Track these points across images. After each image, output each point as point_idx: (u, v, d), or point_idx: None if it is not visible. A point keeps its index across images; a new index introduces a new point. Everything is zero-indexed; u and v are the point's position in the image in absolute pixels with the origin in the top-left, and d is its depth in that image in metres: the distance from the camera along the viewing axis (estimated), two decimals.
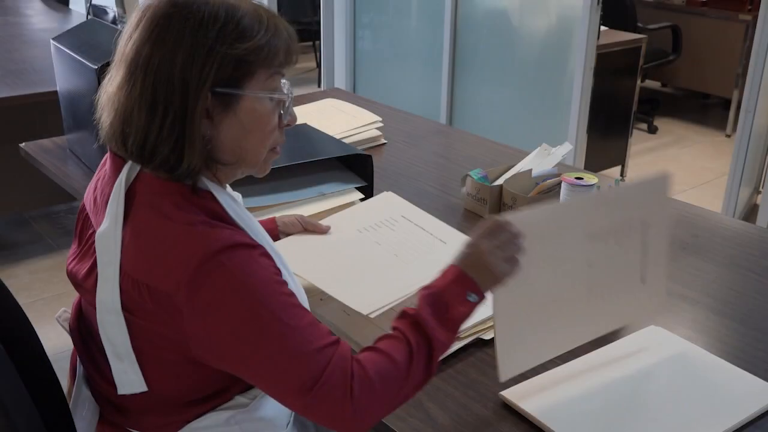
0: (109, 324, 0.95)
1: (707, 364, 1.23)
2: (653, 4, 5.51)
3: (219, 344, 0.92)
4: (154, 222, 0.94)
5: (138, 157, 0.95)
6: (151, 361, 0.98)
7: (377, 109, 2.42)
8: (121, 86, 0.94)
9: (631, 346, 1.27)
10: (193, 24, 0.92)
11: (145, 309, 0.93)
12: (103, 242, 0.95)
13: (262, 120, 0.98)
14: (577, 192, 1.53)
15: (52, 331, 2.81)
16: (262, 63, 0.95)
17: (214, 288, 0.89)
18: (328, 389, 0.91)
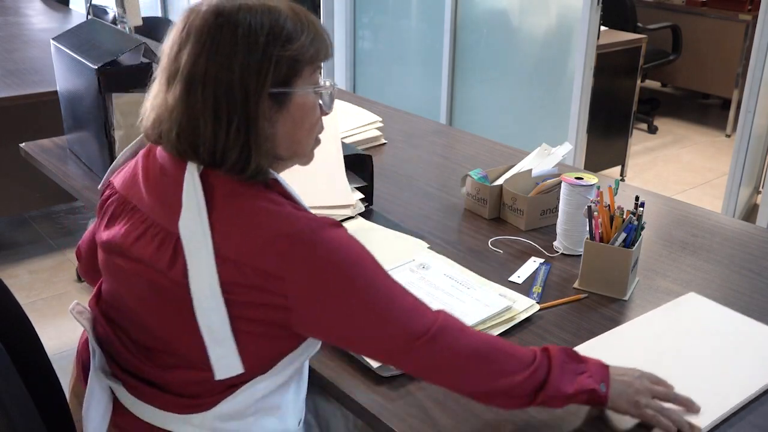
0: (208, 310, 0.97)
1: (742, 325, 1.33)
2: (653, 4, 5.51)
3: (324, 312, 0.97)
4: (246, 208, 0.98)
5: (210, 163, 1.00)
6: (249, 342, 1.00)
7: (377, 109, 2.42)
8: (182, 100, 0.99)
9: (670, 312, 1.37)
10: (243, 32, 0.97)
11: (246, 288, 0.96)
12: (189, 231, 0.98)
13: (310, 112, 1.05)
14: (577, 192, 1.53)
15: (53, 331, 2.82)
16: (309, 61, 1.02)
17: (318, 260, 0.95)
18: (435, 342, 0.99)
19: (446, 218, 1.75)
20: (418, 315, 1.00)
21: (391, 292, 1.00)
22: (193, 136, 0.99)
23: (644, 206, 1.42)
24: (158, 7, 6.71)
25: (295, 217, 0.97)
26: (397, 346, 0.99)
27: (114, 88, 1.79)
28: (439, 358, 1.00)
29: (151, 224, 1.03)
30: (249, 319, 0.98)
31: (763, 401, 1.16)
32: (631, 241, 1.40)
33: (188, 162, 1.01)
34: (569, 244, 1.58)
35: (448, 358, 1.00)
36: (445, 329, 1.01)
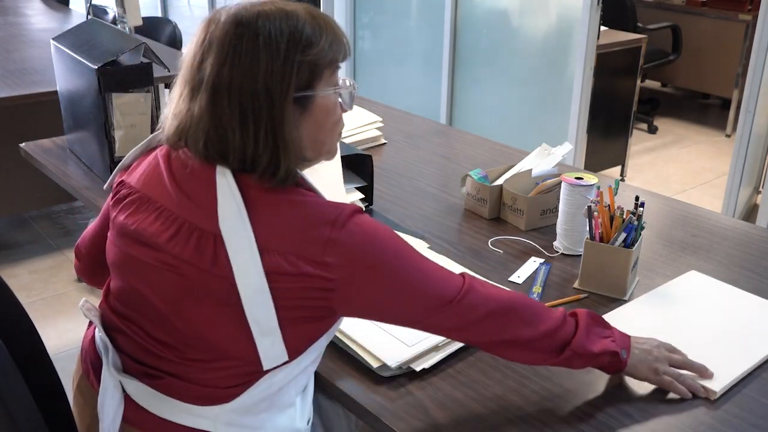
0: (255, 304, 1.00)
1: (743, 300, 1.41)
2: (653, 4, 5.51)
3: (367, 287, 1.02)
4: (282, 201, 1.02)
5: (240, 169, 1.02)
6: (292, 330, 1.03)
7: (377, 109, 2.42)
8: (208, 110, 1.00)
9: (674, 288, 1.44)
10: (264, 40, 0.99)
11: (290, 277, 0.99)
12: (231, 231, 1.00)
13: (331, 112, 1.08)
14: (577, 192, 1.53)
15: (53, 331, 2.82)
16: (329, 64, 1.05)
17: (355, 244, 1.00)
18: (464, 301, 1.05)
19: (446, 218, 1.75)
20: (447, 281, 1.06)
21: (421, 265, 1.06)
22: (222, 145, 1.01)
23: (644, 206, 1.42)
24: (158, 7, 6.71)
25: (327, 206, 1.02)
26: (432, 312, 1.05)
27: (114, 88, 1.79)
28: (470, 315, 1.06)
29: (183, 223, 1.04)
30: (293, 306, 1.01)
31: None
32: (631, 241, 1.40)
33: (217, 165, 1.03)
34: (569, 244, 1.58)
35: (478, 314, 1.07)
36: (472, 289, 1.07)
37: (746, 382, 1.19)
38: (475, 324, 1.08)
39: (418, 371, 1.20)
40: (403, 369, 1.20)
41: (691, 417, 1.12)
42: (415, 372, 1.20)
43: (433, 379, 1.19)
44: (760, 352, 1.25)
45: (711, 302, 1.40)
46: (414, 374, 1.20)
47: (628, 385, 1.19)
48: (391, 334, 1.27)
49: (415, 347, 1.23)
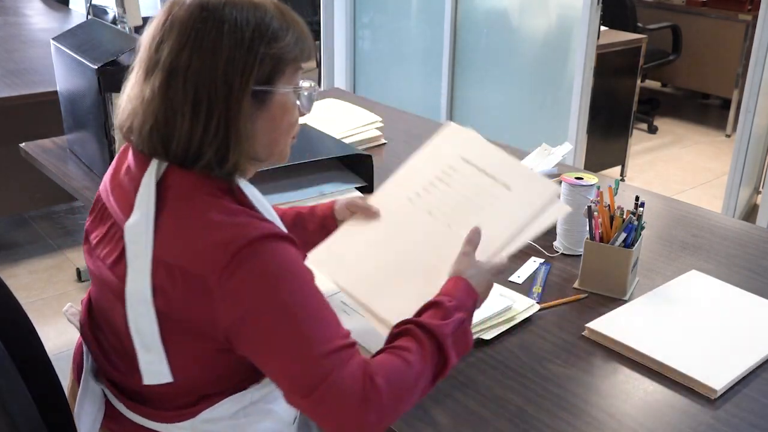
0: (139, 315, 0.96)
1: (743, 300, 1.41)
2: (653, 4, 5.51)
3: (244, 328, 0.94)
4: (194, 210, 0.96)
5: (182, 160, 0.97)
6: (178, 351, 0.99)
7: (377, 109, 2.42)
8: (160, 92, 0.96)
9: (674, 288, 1.44)
10: (229, 27, 0.95)
11: (177, 294, 0.94)
12: (133, 233, 0.96)
13: (289, 112, 1.04)
14: (577, 192, 1.53)
15: (52, 331, 2.82)
16: (292, 61, 1.01)
17: (248, 273, 0.92)
18: (336, 392, 0.92)
19: None
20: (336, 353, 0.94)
21: (317, 321, 0.95)
22: (168, 130, 0.96)
23: (644, 206, 1.42)
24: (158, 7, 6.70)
25: (238, 226, 0.94)
26: (306, 380, 0.93)
27: (114, 88, 1.79)
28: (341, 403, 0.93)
29: (113, 224, 1.03)
30: (179, 327, 0.96)
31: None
32: (631, 241, 1.40)
33: (153, 160, 0.99)
34: (569, 244, 1.58)
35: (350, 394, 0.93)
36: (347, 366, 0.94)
37: (746, 382, 1.19)
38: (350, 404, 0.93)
39: None
40: None
41: (691, 417, 1.12)
42: None
43: None
44: (760, 352, 1.25)
45: (711, 302, 1.40)
46: None
47: (628, 384, 1.19)
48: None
49: None
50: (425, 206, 1.20)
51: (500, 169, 1.21)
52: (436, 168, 1.24)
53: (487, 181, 1.18)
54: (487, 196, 1.19)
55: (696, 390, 1.17)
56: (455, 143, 1.26)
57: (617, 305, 1.39)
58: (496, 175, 1.19)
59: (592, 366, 1.23)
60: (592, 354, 1.27)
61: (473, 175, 1.20)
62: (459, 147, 1.25)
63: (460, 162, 1.22)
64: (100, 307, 1.09)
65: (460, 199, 1.19)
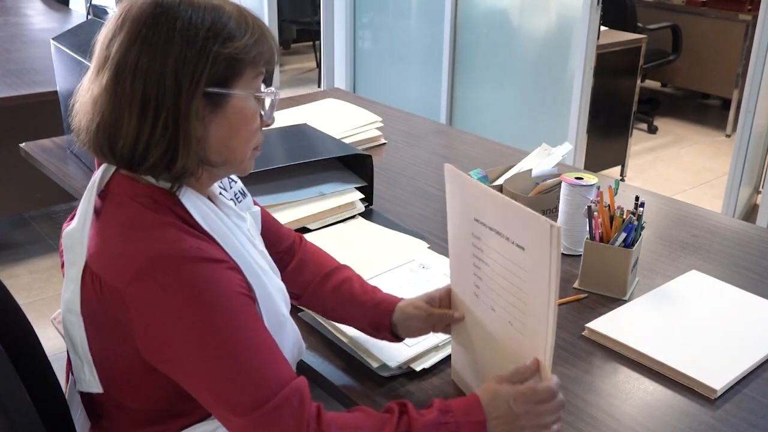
0: (69, 323, 0.97)
1: (743, 300, 1.41)
2: (653, 4, 5.51)
3: (162, 345, 0.91)
4: (119, 218, 0.94)
5: (128, 161, 0.94)
6: (110, 365, 0.98)
7: (377, 109, 2.42)
8: (108, 89, 0.93)
9: (674, 288, 1.44)
10: (183, 24, 0.92)
11: (99, 304, 0.93)
12: (69, 241, 0.96)
13: (249, 119, 0.98)
14: (577, 192, 1.53)
15: (53, 331, 2.81)
16: (250, 63, 0.96)
17: (164, 289, 0.88)
18: (276, 417, 0.88)
19: (446, 218, 1.75)
20: (264, 383, 0.89)
21: (242, 350, 0.90)
22: (114, 129, 0.93)
23: (644, 206, 1.42)
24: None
25: (167, 241, 0.91)
26: (228, 410, 0.89)
27: None
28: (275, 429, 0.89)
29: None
30: (105, 337, 0.95)
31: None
32: (631, 241, 1.40)
33: (102, 165, 0.97)
34: (569, 244, 1.58)
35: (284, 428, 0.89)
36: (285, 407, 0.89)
37: (746, 382, 1.19)
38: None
39: (418, 371, 1.20)
40: (403, 369, 1.20)
41: (691, 417, 1.12)
42: (415, 372, 1.20)
43: (433, 379, 1.19)
44: (760, 352, 1.25)
45: (711, 302, 1.40)
46: (414, 374, 1.20)
47: (628, 384, 1.19)
48: None
49: (415, 347, 1.23)
50: (488, 302, 1.08)
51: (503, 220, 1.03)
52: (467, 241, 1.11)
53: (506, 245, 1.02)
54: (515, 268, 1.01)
55: (696, 390, 1.17)
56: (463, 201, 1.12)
57: (617, 305, 1.39)
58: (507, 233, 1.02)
59: (592, 366, 1.23)
60: (592, 354, 1.27)
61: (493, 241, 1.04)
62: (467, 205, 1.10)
63: (477, 226, 1.08)
64: None
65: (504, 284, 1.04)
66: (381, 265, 1.48)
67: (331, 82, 4.92)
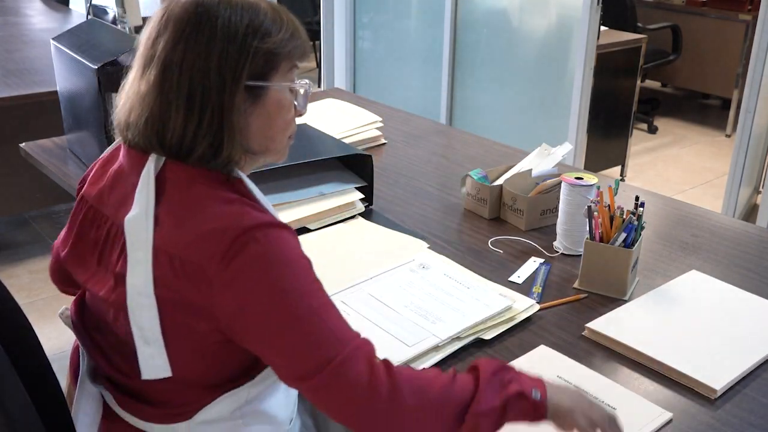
0: (139, 307, 0.96)
1: (743, 300, 1.42)
2: (653, 4, 5.51)
3: (244, 315, 0.94)
4: (192, 200, 0.98)
5: (176, 152, 0.99)
6: (178, 344, 0.99)
7: (377, 109, 2.42)
8: (156, 85, 0.98)
9: (674, 288, 1.44)
10: (223, 23, 0.97)
11: (178, 283, 0.95)
12: (133, 227, 0.97)
13: (284, 110, 1.05)
14: (577, 192, 1.53)
15: (53, 331, 2.82)
16: (285, 56, 1.02)
17: (247, 261, 0.92)
18: (346, 373, 0.92)
19: (446, 218, 1.75)
20: (336, 338, 0.94)
21: (318, 309, 0.95)
22: (162, 123, 0.98)
23: (644, 206, 1.42)
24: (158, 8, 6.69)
25: (237, 214, 0.96)
26: (308, 366, 0.93)
27: (114, 88, 1.77)
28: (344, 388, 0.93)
29: (111, 224, 1.03)
30: (179, 318, 0.96)
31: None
32: (631, 241, 1.40)
33: (150, 156, 1.00)
34: (569, 244, 1.58)
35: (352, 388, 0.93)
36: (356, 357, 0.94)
37: (746, 382, 1.19)
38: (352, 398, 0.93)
39: None
40: None
41: (691, 417, 1.12)
42: None
43: None
44: (760, 352, 1.25)
45: (711, 302, 1.40)
46: None
47: (628, 385, 1.19)
48: (391, 334, 1.27)
49: (415, 347, 1.23)
50: None
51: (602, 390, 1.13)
52: None
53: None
54: None
55: (696, 390, 1.17)
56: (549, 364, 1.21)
57: (617, 305, 1.39)
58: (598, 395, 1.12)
59: (592, 366, 1.23)
60: (592, 354, 1.27)
61: None
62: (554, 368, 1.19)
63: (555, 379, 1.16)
64: (96, 307, 1.09)
65: None
66: (381, 265, 1.48)
67: (331, 82, 4.92)
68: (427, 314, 1.32)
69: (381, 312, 1.33)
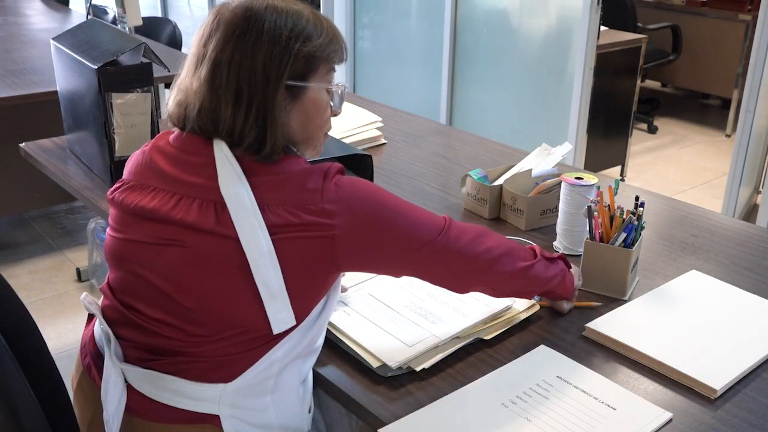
0: (263, 266, 1.04)
1: (743, 300, 1.42)
2: (653, 4, 5.51)
3: (365, 226, 1.08)
4: (275, 164, 1.08)
5: (229, 140, 1.08)
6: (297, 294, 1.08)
7: (377, 109, 2.42)
8: (206, 81, 1.07)
9: (674, 288, 1.45)
10: (269, 26, 1.07)
11: (295, 228, 1.05)
12: (236, 201, 1.05)
13: (321, 109, 1.15)
14: (577, 192, 1.53)
15: (53, 332, 2.82)
16: (325, 60, 1.12)
17: (353, 190, 1.09)
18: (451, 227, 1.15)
19: None
20: (431, 221, 1.15)
21: (407, 210, 1.13)
22: (214, 114, 1.07)
23: (644, 206, 1.42)
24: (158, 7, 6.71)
25: (317, 165, 1.10)
26: (422, 249, 1.13)
27: (114, 88, 1.79)
28: (454, 245, 1.15)
29: (183, 196, 1.08)
30: (298, 264, 1.06)
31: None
32: (631, 241, 1.40)
33: (214, 139, 1.08)
34: (569, 244, 1.58)
35: (461, 242, 1.16)
36: (452, 226, 1.16)
37: (746, 382, 1.20)
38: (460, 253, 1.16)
39: (418, 371, 1.20)
40: (403, 369, 1.20)
41: (691, 417, 1.12)
42: (415, 372, 1.20)
43: (433, 379, 1.20)
44: (760, 352, 1.25)
45: (711, 302, 1.40)
46: (414, 374, 1.20)
47: (628, 384, 1.19)
48: (391, 334, 1.27)
49: (415, 347, 1.23)
50: (522, 413, 1.11)
51: (602, 390, 1.15)
52: (530, 381, 1.18)
53: (587, 399, 1.13)
54: (591, 412, 1.11)
55: (696, 390, 1.17)
56: (549, 364, 1.22)
57: (617, 305, 1.39)
58: (598, 395, 1.14)
59: (592, 366, 1.23)
60: (592, 354, 1.27)
61: (570, 391, 1.15)
62: (554, 368, 1.21)
63: (555, 379, 1.18)
64: (138, 283, 1.11)
65: (560, 411, 1.11)
66: None
67: None
68: (427, 314, 1.32)
69: (381, 312, 1.33)
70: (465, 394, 1.16)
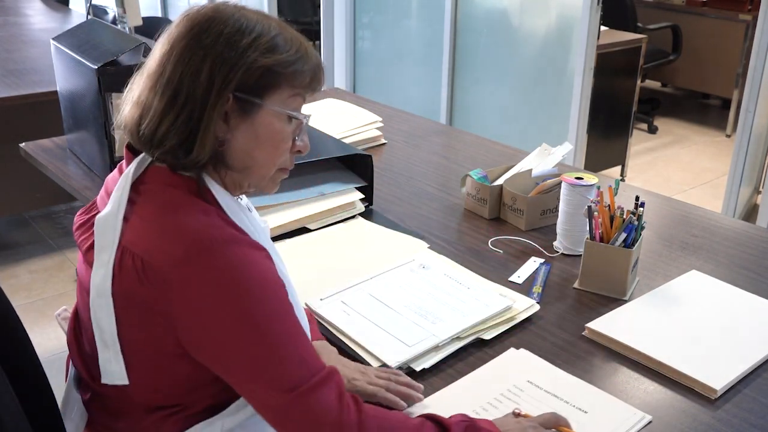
0: (99, 307, 0.96)
1: (743, 300, 1.42)
2: (653, 4, 5.51)
3: (204, 329, 0.92)
4: (165, 203, 0.97)
5: (147, 141, 0.98)
6: (135, 350, 0.98)
7: (377, 109, 2.42)
8: (150, 75, 0.99)
9: (674, 288, 1.44)
10: (230, 30, 0.97)
11: (139, 287, 0.93)
12: (102, 226, 0.97)
13: (276, 136, 1.02)
14: (577, 192, 1.53)
15: (53, 332, 2.82)
16: (287, 79, 0.99)
17: (208, 268, 0.91)
18: (316, 399, 0.92)
19: (446, 218, 1.75)
20: (303, 365, 0.93)
21: (283, 334, 0.93)
22: (143, 109, 0.98)
23: (644, 206, 1.42)
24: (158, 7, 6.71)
25: (208, 224, 0.95)
26: (270, 391, 0.92)
27: (114, 88, 1.79)
28: (311, 416, 0.92)
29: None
30: (136, 323, 0.95)
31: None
32: (631, 241, 1.40)
33: (136, 158, 1.01)
34: (569, 244, 1.58)
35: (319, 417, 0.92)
36: (325, 386, 0.93)
37: (746, 382, 1.19)
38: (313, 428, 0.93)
39: (418, 371, 1.20)
40: (403, 369, 1.20)
41: (691, 417, 1.12)
42: (415, 372, 1.20)
43: (433, 379, 1.19)
44: (760, 352, 1.25)
45: (711, 302, 1.40)
46: (414, 374, 1.20)
47: (628, 385, 1.19)
48: (391, 334, 1.27)
49: (415, 347, 1.23)
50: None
51: (574, 394, 1.16)
52: (501, 386, 1.18)
53: (557, 402, 1.14)
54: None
55: (696, 390, 1.17)
56: (521, 368, 1.22)
57: (617, 305, 1.39)
58: (570, 399, 1.15)
59: (592, 366, 1.23)
60: (592, 354, 1.27)
61: (541, 396, 1.16)
62: (525, 372, 1.21)
63: (526, 384, 1.18)
64: (80, 312, 1.07)
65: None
66: (381, 265, 1.48)
67: (331, 82, 4.92)
68: (427, 314, 1.32)
69: (381, 312, 1.33)
70: (438, 400, 1.15)
